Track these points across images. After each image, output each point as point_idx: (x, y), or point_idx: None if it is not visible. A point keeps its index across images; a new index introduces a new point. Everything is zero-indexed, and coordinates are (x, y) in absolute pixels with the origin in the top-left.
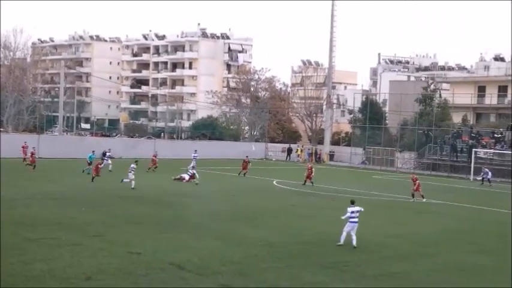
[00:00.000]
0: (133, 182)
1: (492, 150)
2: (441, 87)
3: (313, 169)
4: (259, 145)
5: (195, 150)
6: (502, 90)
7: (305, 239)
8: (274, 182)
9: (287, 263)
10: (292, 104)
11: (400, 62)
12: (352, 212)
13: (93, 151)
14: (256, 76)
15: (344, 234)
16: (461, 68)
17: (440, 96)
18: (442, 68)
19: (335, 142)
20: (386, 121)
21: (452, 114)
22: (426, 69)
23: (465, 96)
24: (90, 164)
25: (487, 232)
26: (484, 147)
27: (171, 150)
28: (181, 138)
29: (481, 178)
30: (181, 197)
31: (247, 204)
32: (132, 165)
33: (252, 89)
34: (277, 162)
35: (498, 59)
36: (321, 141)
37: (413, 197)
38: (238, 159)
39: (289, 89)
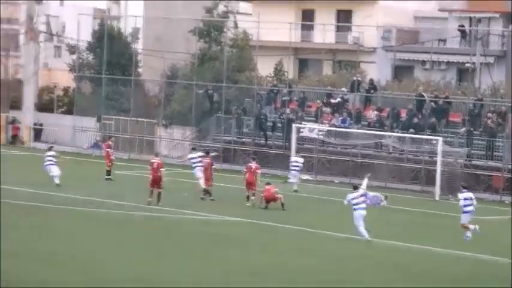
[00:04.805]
0: None
1: (325, 127)
2: (237, 9)
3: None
4: None
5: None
6: (344, 18)
7: None
8: None
9: None
10: None
11: None
12: (466, 199)
13: None
14: None
15: (471, 227)
16: None
17: (236, 26)
18: None
19: (45, 107)
20: (140, 69)
21: (258, 60)
22: None
23: (280, 28)
24: None
25: None
26: (314, 119)
27: None
28: None
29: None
30: None
31: None
32: None
33: None
34: None
35: None
36: (16, 105)
37: (248, 200)
38: None
39: None
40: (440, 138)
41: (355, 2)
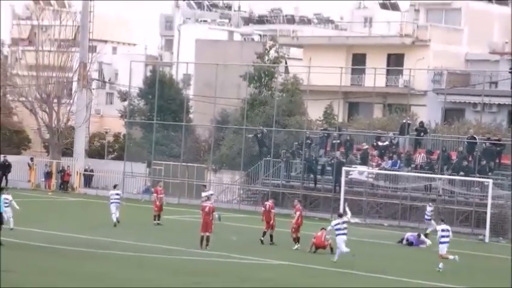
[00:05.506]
0: None
1: (375, 170)
2: (288, 54)
3: None
4: None
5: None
6: (395, 61)
7: None
8: None
9: None
10: (12, 80)
11: (215, 6)
12: (443, 231)
13: None
14: None
15: (450, 257)
16: (324, 22)
17: (287, 71)
18: (290, 21)
19: (95, 153)
20: (191, 115)
21: (308, 104)
22: (261, 21)
23: (330, 72)
24: None
25: None
26: (362, 162)
27: None
28: None
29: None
30: None
31: None
32: None
33: None
34: None
35: (388, 6)
36: (68, 152)
37: (296, 242)
38: None
39: (6, 51)
40: (490, 181)
41: (406, 46)
